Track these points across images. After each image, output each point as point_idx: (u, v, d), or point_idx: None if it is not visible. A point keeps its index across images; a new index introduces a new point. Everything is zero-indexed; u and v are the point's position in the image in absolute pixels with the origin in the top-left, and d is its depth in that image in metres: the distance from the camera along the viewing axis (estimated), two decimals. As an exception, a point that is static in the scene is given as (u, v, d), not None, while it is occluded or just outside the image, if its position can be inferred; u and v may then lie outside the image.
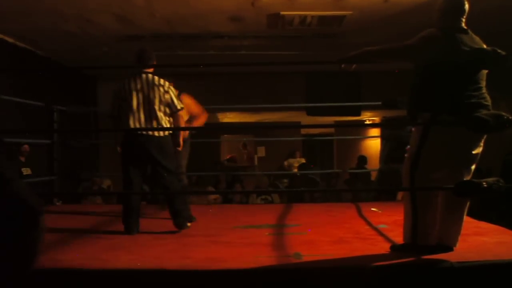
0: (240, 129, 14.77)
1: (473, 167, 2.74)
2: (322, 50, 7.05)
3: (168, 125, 3.70)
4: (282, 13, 5.87)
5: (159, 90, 3.64)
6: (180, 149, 3.93)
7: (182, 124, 3.86)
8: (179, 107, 3.74)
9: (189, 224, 3.72)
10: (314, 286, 2.43)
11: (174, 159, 3.80)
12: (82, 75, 9.04)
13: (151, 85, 3.64)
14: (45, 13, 5.78)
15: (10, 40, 6.74)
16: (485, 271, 2.47)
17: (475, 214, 3.68)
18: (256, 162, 12.24)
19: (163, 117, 3.65)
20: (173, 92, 3.72)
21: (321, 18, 6.06)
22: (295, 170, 10.32)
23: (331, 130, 12.51)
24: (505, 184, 2.53)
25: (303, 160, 11.27)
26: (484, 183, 2.49)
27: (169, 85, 3.72)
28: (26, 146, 6.24)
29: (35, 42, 7.01)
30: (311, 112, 9.34)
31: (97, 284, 2.47)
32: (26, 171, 6.21)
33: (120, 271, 2.51)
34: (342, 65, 2.86)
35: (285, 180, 9.81)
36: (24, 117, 6.30)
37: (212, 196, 6.79)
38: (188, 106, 4.21)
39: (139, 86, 3.64)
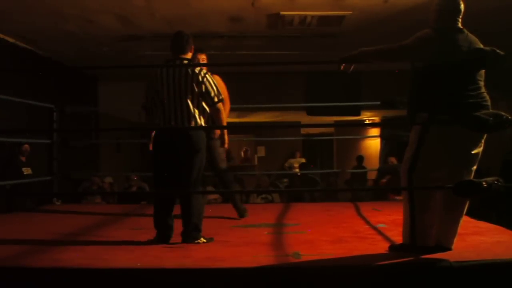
0: (240, 129, 14.79)
1: (473, 167, 2.74)
2: (322, 50, 7.06)
3: (202, 120, 3.25)
4: (282, 13, 5.88)
5: (192, 79, 3.18)
6: (226, 146, 3.74)
7: (224, 119, 3.39)
8: (216, 99, 3.25)
9: (203, 240, 3.22)
10: (313, 286, 2.44)
11: (204, 160, 3.34)
12: (82, 75, 9.05)
13: (184, 74, 3.18)
14: (45, 13, 5.79)
15: (10, 40, 6.75)
16: (483, 270, 2.47)
17: (475, 213, 3.68)
18: (256, 162, 12.25)
19: (197, 112, 3.19)
20: (209, 82, 3.22)
21: (321, 18, 6.07)
22: (295, 170, 10.33)
23: (331, 130, 12.52)
24: (504, 183, 2.54)
25: (303, 160, 11.29)
26: (483, 182, 2.49)
27: (207, 72, 3.26)
28: (26, 145, 6.25)
29: (35, 42, 7.02)
30: (311, 112, 9.35)
31: (97, 283, 2.47)
32: (26, 170, 6.22)
33: (120, 271, 2.52)
34: (342, 66, 2.86)
35: (285, 180, 9.84)
36: (24, 117, 6.32)
37: (212, 196, 6.78)
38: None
39: (171, 76, 3.19)
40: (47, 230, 3.75)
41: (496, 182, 2.51)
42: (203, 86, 3.19)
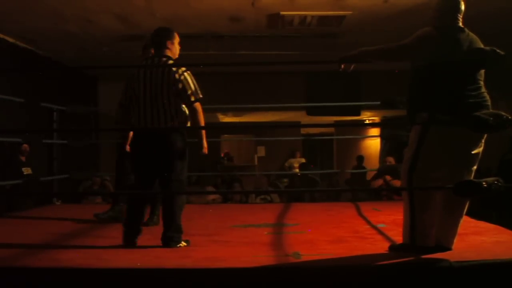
0: (240, 129, 14.78)
1: (474, 167, 2.74)
2: (322, 50, 7.06)
3: (179, 120, 3.13)
4: (282, 13, 5.88)
5: (169, 77, 3.06)
6: (205, 152, 3.26)
7: (201, 120, 3.19)
8: (193, 98, 3.11)
9: (183, 243, 3.09)
10: (313, 286, 2.44)
11: (185, 162, 3.18)
12: (82, 75, 9.05)
13: (161, 71, 3.08)
14: (45, 13, 5.79)
15: (10, 40, 6.75)
16: (484, 270, 2.47)
17: (475, 213, 3.68)
18: (256, 162, 12.26)
19: (174, 111, 3.09)
20: (187, 80, 3.09)
21: (321, 18, 6.07)
22: (295, 170, 10.33)
23: (331, 130, 12.52)
24: (503, 183, 2.54)
25: (303, 160, 11.29)
26: (483, 182, 2.49)
27: (186, 70, 3.12)
28: (26, 145, 6.24)
29: (35, 42, 7.02)
30: (311, 112, 9.35)
31: (97, 283, 2.47)
32: (26, 170, 6.22)
33: (120, 270, 2.52)
34: (342, 65, 2.86)
35: (285, 180, 9.83)
36: (24, 117, 6.31)
37: (212, 196, 6.79)
38: None
39: (149, 73, 3.09)
40: (47, 230, 3.75)
41: (496, 182, 2.51)
42: (180, 84, 3.07)
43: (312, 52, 7.13)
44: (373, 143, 11.62)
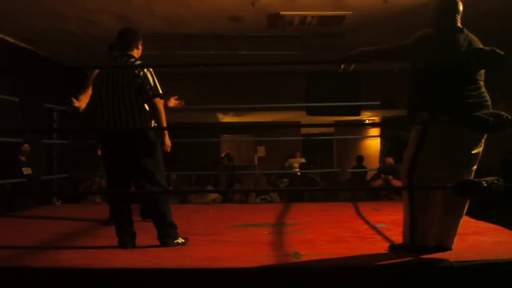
0: (240, 129, 14.78)
1: (474, 167, 2.74)
2: (322, 50, 7.06)
3: (142, 118, 3.07)
4: (282, 13, 5.88)
5: (128, 74, 3.02)
6: (168, 149, 3.22)
7: (162, 116, 3.09)
8: (150, 93, 3.02)
9: (181, 240, 3.13)
10: (313, 285, 2.44)
11: (157, 162, 3.13)
12: (82, 75, 9.04)
13: (121, 70, 3.06)
14: (45, 13, 5.79)
15: (10, 40, 6.75)
16: (483, 270, 2.47)
17: (475, 213, 3.68)
18: (256, 162, 12.26)
19: (135, 108, 3.04)
20: (146, 76, 3.03)
21: (321, 18, 6.07)
22: (295, 170, 10.33)
23: (331, 130, 12.51)
24: (504, 183, 2.54)
25: (303, 160, 11.29)
26: (483, 182, 2.49)
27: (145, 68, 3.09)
28: (26, 145, 6.25)
29: (35, 42, 7.02)
30: (311, 112, 9.34)
31: (97, 283, 2.47)
32: (26, 170, 6.22)
33: (120, 270, 2.52)
34: (342, 66, 2.86)
35: (285, 180, 9.84)
36: (24, 117, 6.31)
37: (212, 196, 6.79)
38: None
39: (110, 72, 3.09)
40: (47, 230, 3.75)
41: (496, 182, 2.51)
42: (139, 80, 3.02)
43: (312, 52, 7.13)
44: (373, 143, 11.62)
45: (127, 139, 3.04)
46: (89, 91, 3.66)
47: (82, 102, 3.73)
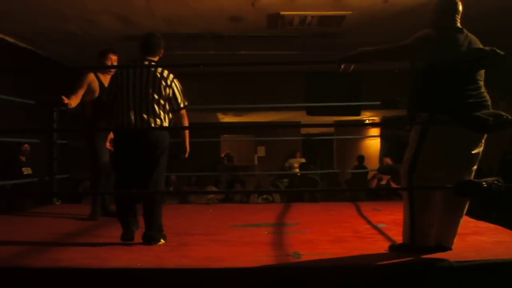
0: (240, 129, 14.79)
1: (474, 167, 2.74)
2: (322, 50, 7.06)
3: (167, 123, 3.24)
4: (282, 13, 5.88)
5: (160, 82, 3.18)
6: (186, 156, 3.43)
7: (187, 125, 3.42)
8: (182, 105, 3.28)
9: (162, 241, 3.17)
10: (313, 285, 2.44)
11: (165, 163, 3.28)
12: (82, 75, 9.04)
13: (152, 76, 3.18)
14: (45, 13, 5.80)
15: (10, 40, 6.76)
16: (484, 270, 2.47)
17: (475, 213, 3.68)
18: (256, 162, 12.26)
19: (162, 113, 3.19)
20: (177, 87, 3.26)
21: (321, 18, 6.08)
22: (295, 170, 10.33)
23: (331, 130, 12.52)
24: (504, 183, 2.54)
25: (303, 160, 11.30)
26: (484, 182, 2.49)
27: (174, 78, 3.27)
28: (26, 145, 6.25)
29: (35, 42, 7.03)
30: (311, 112, 9.35)
31: (97, 283, 2.47)
32: (26, 170, 6.22)
33: (120, 270, 2.52)
34: (342, 66, 2.86)
35: (285, 180, 9.84)
36: (24, 117, 6.31)
37: (210, 195, 6.79)
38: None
39: (138, 75, 3.19)
40: (47, 230, 3.75)
41: (496, 182, 2.51)
42: (171, 91, 3.21)
43: (312, 52, 7.13)
44: (373, 143, 11.63)
45: (148, 140, 3.15)
46: (81, 92, 4.08)
47: (72, 101, 4.01)
